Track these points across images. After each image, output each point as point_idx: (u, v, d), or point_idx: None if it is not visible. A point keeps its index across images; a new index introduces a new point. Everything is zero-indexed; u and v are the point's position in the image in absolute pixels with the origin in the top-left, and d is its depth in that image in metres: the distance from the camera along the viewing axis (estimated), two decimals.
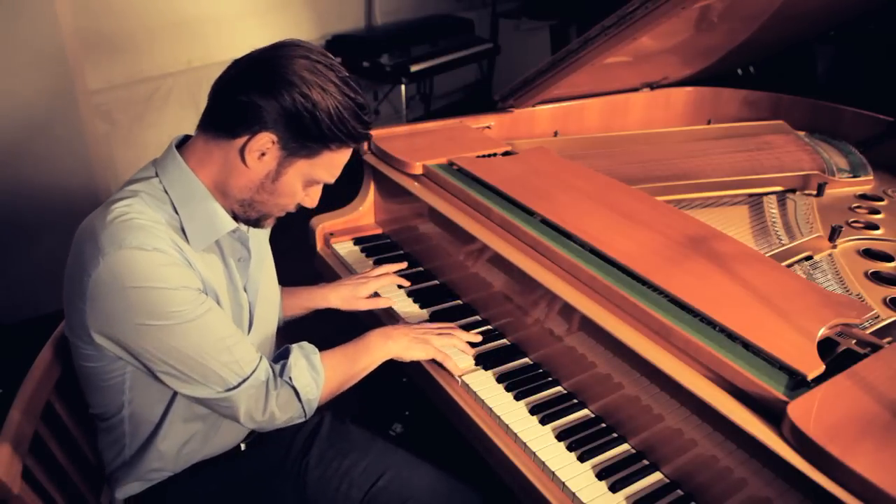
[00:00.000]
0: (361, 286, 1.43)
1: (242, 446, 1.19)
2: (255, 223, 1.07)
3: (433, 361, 1.28)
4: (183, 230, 0.98)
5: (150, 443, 1.08)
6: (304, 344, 1.15)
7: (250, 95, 0.93)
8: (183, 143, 1.04)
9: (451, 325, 1.32)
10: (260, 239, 1.16)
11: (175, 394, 1.05)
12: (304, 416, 1.10)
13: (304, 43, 0.99)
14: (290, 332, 1.39)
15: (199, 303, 0.96)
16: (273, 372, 1.07)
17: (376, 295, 1.45)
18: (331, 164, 1.01)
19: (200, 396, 1.01)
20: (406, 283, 1.49)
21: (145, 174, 1.01)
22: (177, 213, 0.99)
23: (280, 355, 1.13)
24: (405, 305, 1.44)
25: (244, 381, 1.02)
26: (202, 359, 0.97)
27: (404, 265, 1.52)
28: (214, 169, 1.00)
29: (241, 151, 0.96)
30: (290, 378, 1.07)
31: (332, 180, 1.05)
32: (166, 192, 0.99)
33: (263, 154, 0.96)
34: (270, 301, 1.21)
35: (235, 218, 1.05)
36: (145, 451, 1.08)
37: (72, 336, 1.00)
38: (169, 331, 0.94)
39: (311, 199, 1.07)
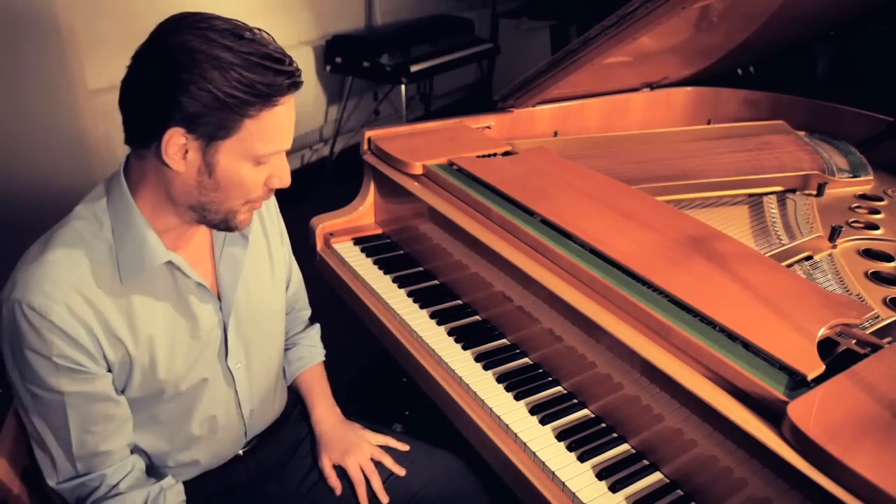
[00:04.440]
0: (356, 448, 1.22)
1: (241, 451, 1.18)
2: (226, 226, 0.95)
3: (433, 360, 1.29)
4: (118, 259, 0.91)
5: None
6: (171, 490, 1.01)
7: (141, 93, 0.85)
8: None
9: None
10: (235, 257, 1.06)
11: (173, 427, 1.03)
12: None
13: (182, 14, 0.87)
14: None
15: (72, 378, 0.89)
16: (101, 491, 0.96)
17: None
18: (263, 131, 0.86)
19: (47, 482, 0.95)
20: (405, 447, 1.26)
21: (97, 194, 0.95)
22: (115, 239, 0.92)
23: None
24: (406, 306, 1.44)
25: (73, 479, 0.95)
26: (44, 433, 0.92)
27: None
28: (151, 184, 0.91)
29: (161, 157, 0.85)
30: None
31: (280, 147, 0.90)
32: (110, 215, 0.92)
33: (186, 151, 0.85)
34: (258, 322, 1.11)
35: (214, 226, 0.95)
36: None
37: None
38: (31, 395, 0.90)
39: (279, 176, 0.93)
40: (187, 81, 0.81)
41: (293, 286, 1.28)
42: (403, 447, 1.23)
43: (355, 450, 1.20)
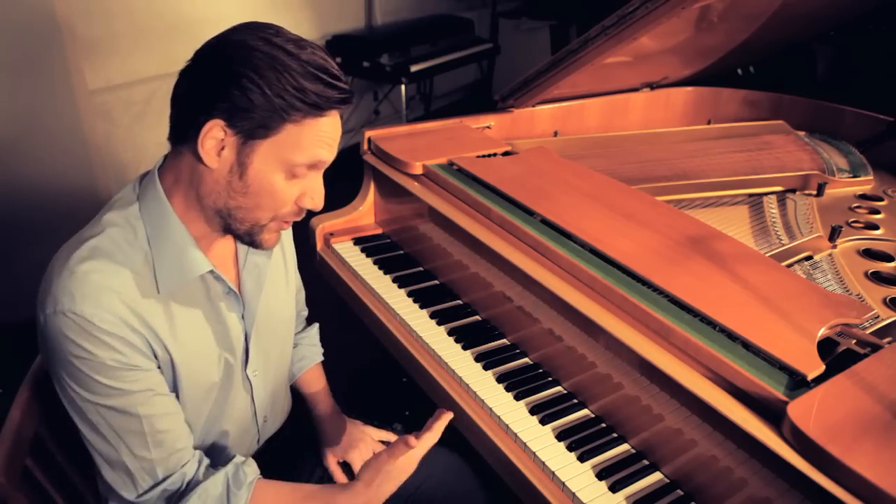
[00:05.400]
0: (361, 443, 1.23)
1: (250, 454, 1.17)
2: (251, 240, 0.93)
3: (433, 360, 1.29)
4: (155, 269, 0.90)
5: None
6: (247, 465, 0.98)
7: (192, 85, 0.85)
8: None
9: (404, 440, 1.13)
10: (259, 266, 1.05)
11: (195, 437, 1.01)
12: None
13: (251, 21, 0.87)
14: None
15: (133, 379, 0.87)
16: (181, 486, 0.94)
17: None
18: (302, 140, 0.85)
19: (120, 494, 0.92)
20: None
21: (127, 199, 0.92)
22: (151, 247, 0.90)
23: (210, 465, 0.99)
24: (406, 306, 1.44)
25: (155, 486, 0.92)
26: (118, 447, 0.90)
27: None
28: (184, 184, 0.89)
29: (197, 152, 0.84)
30: None
31: (316, 159, 0.87)
32: (144, 222, 0.90)
33: (222, 148, 0.84)
34: (274, 330, 1.11)
35: (239, 237, 0.94)
36: None
37: None
38: (97, 409, 0.88)
39: (311, 196, 0.91)
40: (240, 75, 0.81)
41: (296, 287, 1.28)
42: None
43: (359, 444, 1.22)
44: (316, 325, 1.36)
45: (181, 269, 0.90)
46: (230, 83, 0.81)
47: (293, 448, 1.23)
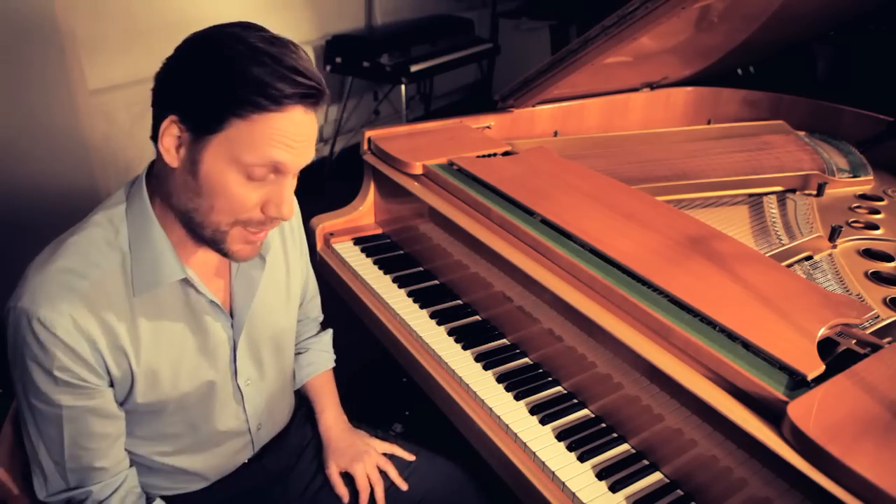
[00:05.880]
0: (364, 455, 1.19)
1: (246, 459, 1.16)
2: (217, 248, 0.88)
3: (433, 360, 1.29)
4: (132, 271, 0.88)
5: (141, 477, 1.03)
6: None
7: (156, 82, 0.83)
8: None
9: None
10: (251, 276, 1.02)
11: (179, 442, 1.02)
12: None
13: (235, 21, 0.83)
14: None
15: (71, 393, 0.87)
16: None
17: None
18: (253, 138, 0.78)
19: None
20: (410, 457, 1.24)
21: (117, 199, 0.91)
22: (131, 249, 0.88)
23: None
24: (406, 306, 1.44)
25: (62, 492, 0.93)
26: (37, 445, 0.90)
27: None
28: (160, 186, 0.87)
29: (160, 150, 0.82)
30: None
31: (269, 159, 0.80)
32: (127, 223, 0.89)
33: (180, 146, 0.81)
34: (268, 340, 1.08)
35: (207, 244, 0.89)
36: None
37: None
38: (30, 406, 0.88)
39: (276, 203, 0.84)
40: (192, 69, 0.78)
41: (309, 294, 1.28)
42: (409, 457, 1.22)
43: (363, 457, 1.18)
44: (329, 331, 1.35)
45: (156, 274, 0.88)
46: (183, 77, 0.80)
47: (292, 452, 1.22)
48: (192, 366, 0.98)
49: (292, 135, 0.80)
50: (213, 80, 0.77)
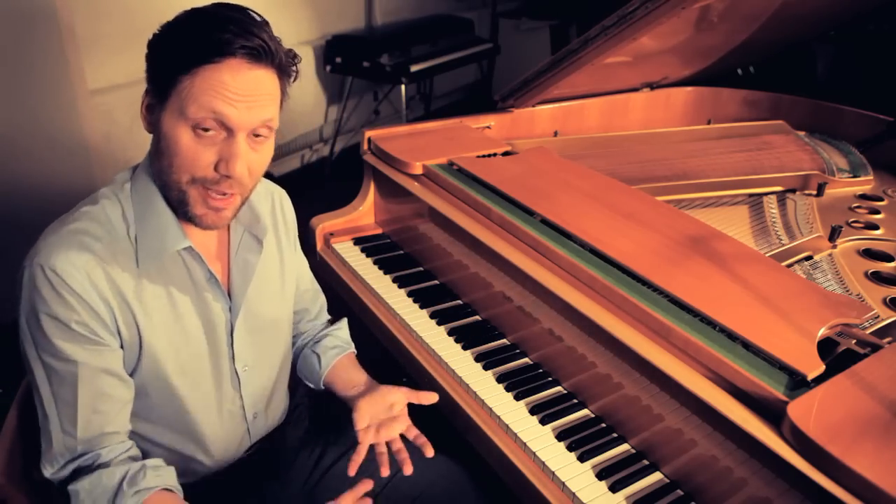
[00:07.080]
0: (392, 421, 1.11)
1: (244, 454, 1.16)
2: (185, 213, 0.91)
3: (433, 360, 1.29)
4: (137, 244, 0.92)
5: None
6: (154, 470, 0.93)
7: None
8: None
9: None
10: (248, 262, 1.05)
11: (177, 425, 1.02)
12: None
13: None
14: None
15: (86, 348, 0.88)
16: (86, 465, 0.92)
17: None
18: (195, 90, 0.83)
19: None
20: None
21: (122, 178, 0.97)
22: (136, 222, 0.93)
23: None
24: (406, 306, 1.44)
25: (70, 462, 0.91)
26: (50, 415, 0.90)
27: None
28: (152, 162, 0.94)
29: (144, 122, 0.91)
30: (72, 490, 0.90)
31: (211, 112, 0.83)
32: (133, 199, 0.94)
33: (150, 113, 0.89)
34: (263, 329, 1.09)
35: (177, 212, 0.93)
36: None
37: None
38: (44, 367, 0.89)
39: (225, 158, 0.86)
40: (155, 40, 0.87)
41: (303, 286, 1.27)
42: (432, 398, 1.14)
43: (394, 424, 1.09)
44: (344, 319, 1.32)
45: (161, 243, 0.93)
46: (149, 52, 0.88)
47: (290, 449, 1.22)
48: (194, 344, 1.00)
49: (233, 87, 0.83)
50: (165, 44, 0.86)
